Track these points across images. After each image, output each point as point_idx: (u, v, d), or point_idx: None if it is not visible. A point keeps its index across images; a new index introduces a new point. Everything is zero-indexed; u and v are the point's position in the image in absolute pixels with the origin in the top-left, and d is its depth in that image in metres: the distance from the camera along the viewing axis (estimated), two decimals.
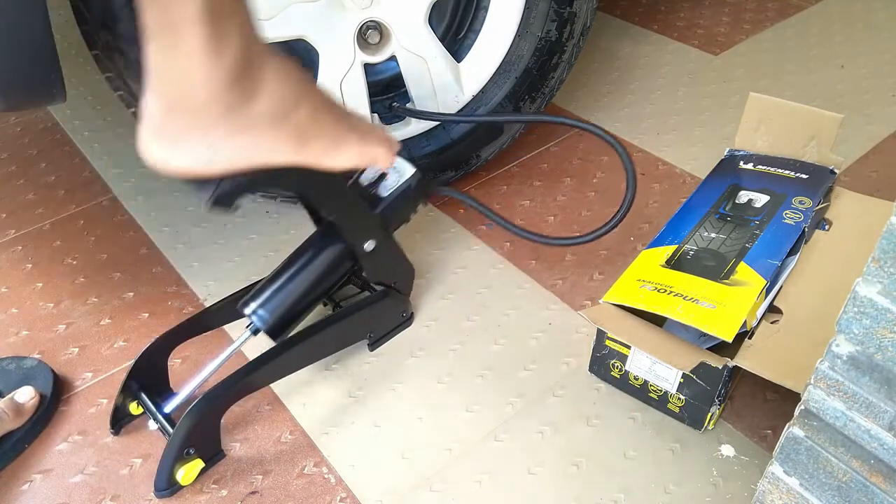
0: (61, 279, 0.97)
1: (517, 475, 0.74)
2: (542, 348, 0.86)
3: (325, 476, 0.74)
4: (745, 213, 0.85)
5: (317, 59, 0.92)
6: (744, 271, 0.76)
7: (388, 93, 1.04)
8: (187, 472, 0.71)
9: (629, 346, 0.76)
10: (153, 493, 0.72)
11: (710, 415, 0.75)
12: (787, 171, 0.90)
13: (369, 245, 0.79)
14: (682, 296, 0.74)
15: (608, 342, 0.78)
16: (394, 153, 0.71)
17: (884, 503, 0.48)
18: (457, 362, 0.85)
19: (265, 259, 0.99)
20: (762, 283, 0.74)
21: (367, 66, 0.97)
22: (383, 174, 0.83)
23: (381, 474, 0.74)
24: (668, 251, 0.81)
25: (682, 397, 0.75)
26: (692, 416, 0.76)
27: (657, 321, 0.75)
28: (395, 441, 0.77)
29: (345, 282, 0.83)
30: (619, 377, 0.80)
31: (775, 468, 0.54)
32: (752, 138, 0.94)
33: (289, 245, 0.92)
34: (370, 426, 0.79)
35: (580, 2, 0.98)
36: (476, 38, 1.01)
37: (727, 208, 0.86)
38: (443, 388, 0.82)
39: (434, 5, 0.94)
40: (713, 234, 0.82)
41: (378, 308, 0.84)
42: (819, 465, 0.51)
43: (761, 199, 0.86)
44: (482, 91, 1.02)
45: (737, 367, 0.70)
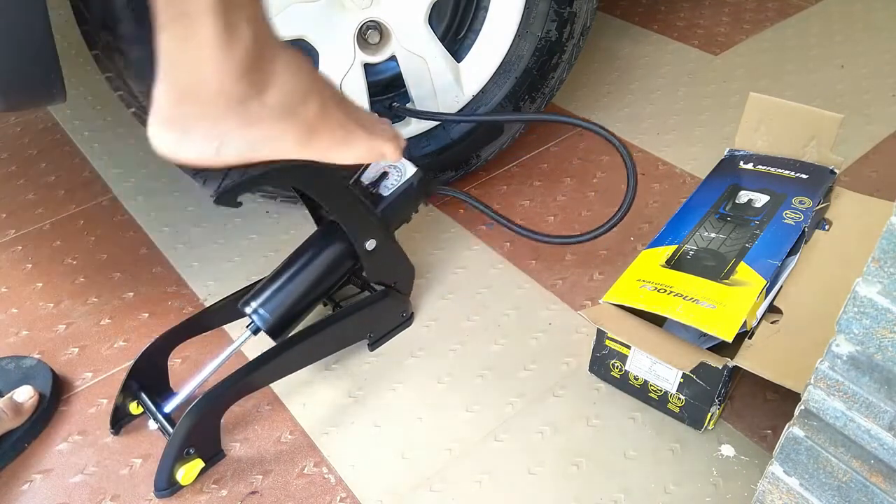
0: (61, 279, 0.97)
1: (517, 475, 0.74)
2: (542, 348, 0.86)
3: (325, 476, 0.74)
4: (745, 213, 0.85)
5: (317, 59, 0.92)
6: (744, 271, 0.76)
7: (388, 93, 1.04)
8: (187, 472, 0.71)
9: (629, 346, 0.76)
10: (153, 493, 0.72)
11: (710, 415, 0.75)
12: (787, 171, 0.90)
13: (370, 244, 0.79)
14: (682, 296, 0.74)
15: (608, 342, 0.78)
16: (401, 149, 0.71)
17: (884, 503, 0.48)
18: (457, 362, 0.85)
19: (265, 259, 0.99)
20: (762, 283, 0.74)
21: (367, 66, 0.97)
22: (385, 173, 0.83)
23: (381, 474, 0.74)
24: (668, 251, 0.81)
25: (682, 397, 0.75)
26: (692, 416, 0.76)
27: (657, 321, 0.75)
28: (395, 441, 0.77)
29: (345, 282, 0.83)
30: (619, 377, 0.80)
31: (775, 468, 0.54)
32: (752, 138, 0.94)
33: (289, 245, 0.92)
34: (370, 426, 0.79)
35: (580, 2, 0.98)
36: (476, 38, 1.01)
37: (727, 208, 0.86)
38: (443, 388, 0.82)
39: (434, 5, 0.94)
40: (713, 234, 0.82)
41: (378, 308, 0.84)
42: (819, 465, 0.51)
43: (761, 199, 0.86)
44: (482, 91, 1.02)
45: (737, 367, 0.70)
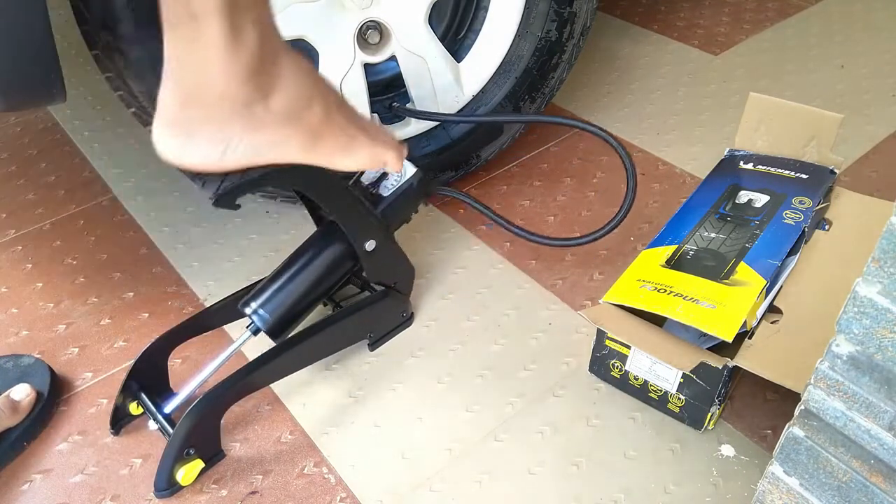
0: (61, 279, 0.97)
1: (517, 475, 0.74)
2: (542, 348, 0.86)
3: (325, 476, 0.74)
4: (745, 213, 0.85)
5: (317, 59, 0.92)
6: (744, 271, 0.76)
7: (388, 93, 1.04)
8: (187, 473, 0.71)
9: (629, 346, 0.76)
10: (153, 493, 0.72)
11: (710, 415, 0.75)
12: (787, 171, 0.90)
13: (370, 245, 0.79)
14: (682, 296, 0.74)
15: (608, 342, 0.78)
16: (403, 157, 0.71)
17: (884, 503, 0.48)
18: (457, 362, 0.85)
19: (265, 259, 0.99)
20: (762, 283, 0.74)
21: (367, 66, 0.97)
22: (384, 174, 0.83)
23: (381, 474, 0.74)
24: (668, 251, 0.81)
25: (682, 397, 0.75)
26: (692, 416, 0.76)
27: (657, 321, 0.75)
28: (395, 441, 0.77)
29: (345, 282, 0.83)
30: (619, 377, 0.80)
31: (775, 468, 0.54)
32: (752, 138, 0.94)
33: (289, 245, 0.92)
34: (370, 426, 0.79)
35: (580, 2, 0.98)
36: (476, 38, 1.01)
37: (727, 208, 0.86)
38: (443, 388, 0.82)
39: (434, 5, 0.94)
40: (713, 234, 0.82)
41: (378, 308, 0.84)
42: (819, 465, 0.51)
43: (761, 199, 0.86)
44: (482, 91, 1.02)
45: (737, 367, 0.70)
